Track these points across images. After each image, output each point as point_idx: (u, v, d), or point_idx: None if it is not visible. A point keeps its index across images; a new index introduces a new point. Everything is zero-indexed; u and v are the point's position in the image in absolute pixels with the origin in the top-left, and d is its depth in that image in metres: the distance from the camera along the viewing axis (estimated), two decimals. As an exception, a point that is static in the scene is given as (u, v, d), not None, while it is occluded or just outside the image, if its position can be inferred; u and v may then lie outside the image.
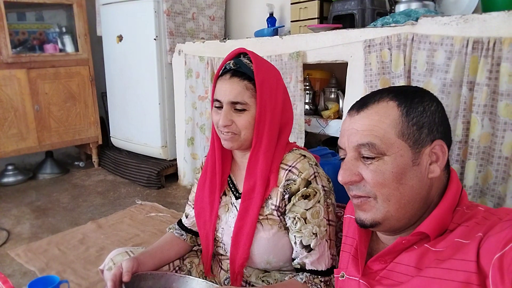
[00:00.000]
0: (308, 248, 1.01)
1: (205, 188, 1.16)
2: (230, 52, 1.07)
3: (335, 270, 0.92)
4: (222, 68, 1.06)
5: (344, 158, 0.78)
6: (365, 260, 0.80)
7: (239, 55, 1.07)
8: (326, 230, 1.02)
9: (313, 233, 1.00)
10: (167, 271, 1.15)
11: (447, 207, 0.72)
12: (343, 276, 0.85)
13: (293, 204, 1.02)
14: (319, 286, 0.99)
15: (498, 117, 1.36)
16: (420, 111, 0.73)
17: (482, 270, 0.60)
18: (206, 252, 1.17)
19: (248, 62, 1.03)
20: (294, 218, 1.02)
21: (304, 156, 1.05)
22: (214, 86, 1.07)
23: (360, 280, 0.77)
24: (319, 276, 1.00)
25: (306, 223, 1.00)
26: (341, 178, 0.76)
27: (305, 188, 1.01)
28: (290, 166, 1.03)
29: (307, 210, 1.00)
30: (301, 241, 1.01)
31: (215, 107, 1.05)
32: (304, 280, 0.99)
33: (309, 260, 1.01)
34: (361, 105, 0.77)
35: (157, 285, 1.08)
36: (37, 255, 1.98)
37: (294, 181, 1.01)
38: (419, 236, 0.71)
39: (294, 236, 1.02)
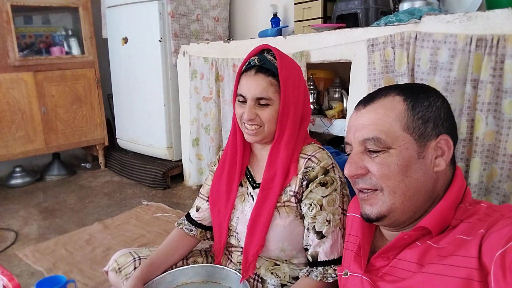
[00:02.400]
0: (320, 235, 1.03)
1: (223, 178, 1.19)
2: (254, 48, 1.11)
3: (338, 268, 0.92)
4: (246, 64, 1.09)
5: (349, 154, 0.80)
6: (368, 257, 0.81)
7: (263, 51, 1.10)
8: (340, 218, 1.04)
9: (327, 220, 1.03)
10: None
11: (449, 203, 0.73)
12: (346, 274, 0.85)
13: (310, 191, 1.05)
14: (333, 276, 1.01)
15: (503, 115, 1.35)
16: (425, 106, 0.74)
17: (484, 267, 0.60)
18: (219, 242, 1.19)
19: (272, 58, 1.07)
20: (311, 205, 1.04)
21: (323, 149, 1.11)
22: (238, 81, 1.10)
23: (363, 277, 0.78)
24: (332, 266, 1.02)
25: (321, 209, 1.03)
26: (347, 171, 0.77)
27: (323, 176, 1.04)
28: (309, 155, 1.08)
29: (323, 197, 1.03)
30: (314, 226, 1.04)
31: (239, 101, 1.09)
32: (319, 278, 1.01)
33: (322, 249, 1.02)
34: (367, 100, 0.79)
35: None
36: (45, 255, 2.00)
37: (313, 168, 1.05)
38: (421, 231, 0.72)
39: (308, 222, 1.05)
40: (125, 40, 3.12)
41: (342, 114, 2.13)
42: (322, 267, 1.02)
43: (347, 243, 0.92)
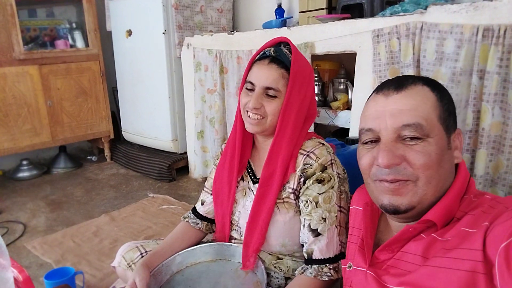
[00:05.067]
0: (315, 232, 1.02)
1: (224, 170, 1.19)
2: (272, 39, 1.10)
3: (342, 261, 0.92)
4: (261, 53, 1.08)
5: (371, 141, 0.76)
6: (372, 250, 0.81)
7: (280, 44, 1.10)
8: (336, 216, 1.02)
9: (322, 218, 1.01)
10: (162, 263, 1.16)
11: (454, 195, 0.72)
12: (350, 267, 0.85)
13: (307, 187, 1.04)
14: (329, 274, 1.00)
15: (509, 106, 1.34)
16: (448, 99, 0.75)
17: (488, 259, 0.60)
18: (223, 235, 1.19)
19: (288, 52, 1.06)
20: (307, 201, 1.03)
21: (323, 144, 1.08)
22: (249, 69, 1.09)
23: (367, 271, 0.77)
24: (328, 264, 1.01)
25: (317, 207, 1.02)
26: (385, 160, 0.71)
27: (320, 173, 1.03)
28: (308, 152, 1.06)
29: (319, 194, 1.02)
30: (309, 224, 1.02)
31: (246, 89, 1.08)
32: (313, 274, 1.00)
33: (317, 247, 1.01)
34: (398, 85, 0.75)
35: (166, 274, 1.12)
36: (53, 247, 2.03)
37: (311, 165, 1.04)
38: (426, 224, 0.71)
39: (304, 218, 1.04)
40: (129, 32, 3.11)
41: (347, 106, 2.12)
42: (317, 265, 1.01)
43: (350, 235, 0.92)
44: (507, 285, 0.56)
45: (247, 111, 1.07)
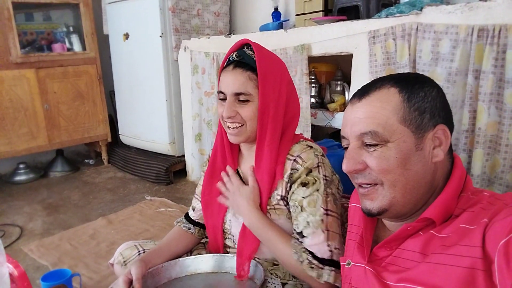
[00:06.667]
0: (301, 235, 0.99)
1: (214, 180, 1.17)
2: (234, 44, 1.07)
3: (341, 258, 0.92)
4: (226, 61, 1.06)
5: (347, 147, 0.79)
6: (371, 247, 0.81)
7: (243, 46, 1.06)
8: (322, 220, 0.98)
9: (307, 222, 0.98)
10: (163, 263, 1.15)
11: (452, 193, 0.72)
12: (349, 264, 0.85)
13: (293, 192, 1.02)
14: (304, 260, 0.95)
15: (505, 105, 1.35)
16: (421, 97, 0.73)
17: (487, 256, 0.60)
18: (215, 244, 1.18)
19: (252, 53, 1.03)
20: (293, 206, 1.02)
21: (311, 147, 1.05)
22: (219, 79, 1.07)
23: (366, 267, 0.77)
24: (312, 257, 0.96)
25: (301, 211, 1.00)
26: (345, 167, 0.76)
27: (305, 176, 1.01)
28: (295, 156, 1.04)
29: (304, 198, 1.00)
30: (297, 229, 1.00)
31: (220, 99, 1.06)
32: (302, 258, 0.96)
33: (305, 242, 0.98)
34: (362, 93, 0.77)
35: (164, 277, 1.11)
36: (50, 250, 2.02)
37: (297, 170, 1.02)
38: (425, 222, 0.72)
39: (294, 224, 1.02)
40: (126, 36, 3.12)
41: (344, 107, 2.12)
42: (308, 253, 0.96)
43: (349, 233, 0.92)
44: (506, 282, 0.56)
45: (226, 122, 1.05)
